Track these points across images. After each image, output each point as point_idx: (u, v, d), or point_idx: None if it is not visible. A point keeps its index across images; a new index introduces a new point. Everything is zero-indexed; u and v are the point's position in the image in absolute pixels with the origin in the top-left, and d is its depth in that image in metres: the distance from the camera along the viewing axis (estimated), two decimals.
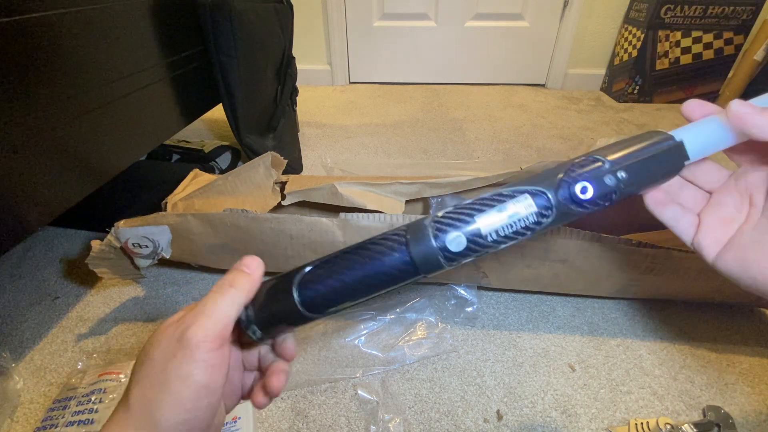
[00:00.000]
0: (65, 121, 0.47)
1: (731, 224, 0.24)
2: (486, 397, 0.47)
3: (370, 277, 0.22)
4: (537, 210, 0.21)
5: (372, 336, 0.53)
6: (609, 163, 0.22)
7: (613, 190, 0.22)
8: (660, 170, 0.22)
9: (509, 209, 0.21)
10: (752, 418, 0.45)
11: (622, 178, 0.21)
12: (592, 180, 0.21)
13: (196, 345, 0.19)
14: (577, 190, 0.21)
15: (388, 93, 1.57)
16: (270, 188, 0.60)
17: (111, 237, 0.52)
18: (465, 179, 0.54)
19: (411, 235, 0.22)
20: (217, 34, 0.70)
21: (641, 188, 0.22)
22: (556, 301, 0.59)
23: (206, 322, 0.20)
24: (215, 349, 0.20)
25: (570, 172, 0.22)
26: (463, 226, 0.21)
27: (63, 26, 0.46)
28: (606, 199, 0.22)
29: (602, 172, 0.22)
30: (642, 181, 0.22)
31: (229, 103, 0.78)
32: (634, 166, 0.22)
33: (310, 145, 1.12)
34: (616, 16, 1.47)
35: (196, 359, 0.19)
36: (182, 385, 0.19)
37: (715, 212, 0.24)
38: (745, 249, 0.22)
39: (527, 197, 0.22)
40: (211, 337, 0.20)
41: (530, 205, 0.21)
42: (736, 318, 0.57)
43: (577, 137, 1.17)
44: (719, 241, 0.24)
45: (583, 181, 0.21)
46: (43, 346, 0.53)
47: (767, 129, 0.20)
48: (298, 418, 0.45)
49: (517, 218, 0.21)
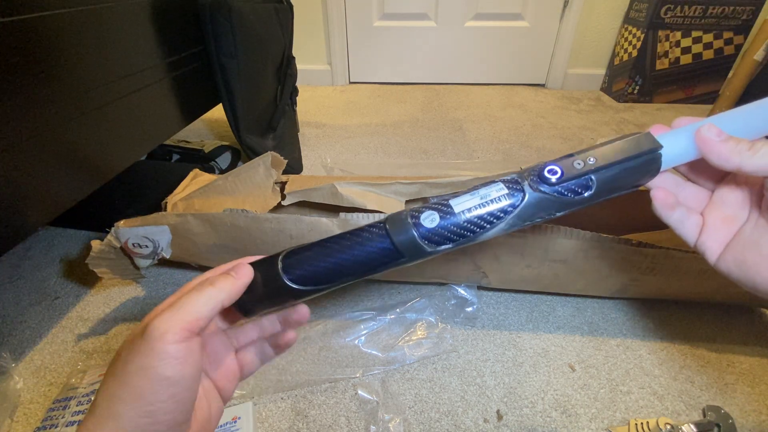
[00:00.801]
0: (65, 121, 0.47)
1: (734, 223, 0.24)
2: (486, 397, 0.47)
3: (355, 259, 0.23)
4: (509, 192, 0.22)
5: (372, 336, 0.53)
6: (578, 153, 0.23)
7: (584, 173, 0.22)
8: (631, 153, 0.22)
9: (481, 192, 0.22)
10: (752, 418, 0.45)
11: (592, 162, 0.22)
12: (560, 165, 0.22)
13: (157, 337, 0.19)
14: (545, 173, 0.22)
15: (388, 93, 1.57)
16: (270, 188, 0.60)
17: (111, 237, 0.52)
18: (465, 179, 0.54)
19: (390, 220, 0.23)
20: (217, 34, 0.70)
21: (616, 173, 0.22)
22: (556, 301, 0.59)
23: (172, 315, 0.20)
24: (178, 342, 0.20)
25: (540, 164, 0.23)
26: (437, 206, 0.23)
27: (63, 26, 0.46)
28: (582, 185, 0.22)
29: (571, 159, 0.22)
30: (615, 164, 0.22)
31: (229, 103, 0.78)
32: (603, 151, 0.22)
33: (310, 145, 1.12)
34: (616, 16, 1.47)
35: (156, 351, 0.19)
36: (142, 377, 0.19)
37: (717, 211, 0.24)
38: (744, 251, 0.22)
39: (499, 183, 0.23)
40: (175, 330, 0.20)
41: (501, 188, 0.22)
42: (736, 318, 0.57)
43: (577, 137, 1.17)
44: (721, 242, 0.24)
45: (551, 165, 0.22)
46: (43, 346, 0.53)
47: (724, 159, 0.21)
48: (298, 418, 0.45)
49: (489, 199, 0.22)
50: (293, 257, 0.24)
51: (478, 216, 0.22)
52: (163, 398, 0.19)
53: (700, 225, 0.24)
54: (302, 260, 0.23)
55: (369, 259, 0.23)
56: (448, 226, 0.22)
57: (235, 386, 0.27)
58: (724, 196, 0.24)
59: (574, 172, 0.22)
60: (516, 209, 0.22)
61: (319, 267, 0.23)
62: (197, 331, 0.21)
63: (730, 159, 0.20)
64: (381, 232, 0.23)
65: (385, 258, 0.23)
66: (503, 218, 0.22)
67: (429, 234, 0.22)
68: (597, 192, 0.22)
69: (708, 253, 0.24)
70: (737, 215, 0.24)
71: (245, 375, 0.27)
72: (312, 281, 0.23)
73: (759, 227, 0.22)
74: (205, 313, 0.21)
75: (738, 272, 0.23)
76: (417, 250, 0.22)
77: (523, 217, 0.22)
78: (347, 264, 0.23)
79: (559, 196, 0.22)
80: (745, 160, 0.20)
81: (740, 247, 0.23)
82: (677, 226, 0.24)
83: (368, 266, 0.23)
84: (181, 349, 0.20)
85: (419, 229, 0.22)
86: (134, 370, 0.19)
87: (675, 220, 0.24)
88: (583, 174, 0.22)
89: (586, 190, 0.22)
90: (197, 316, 0.21)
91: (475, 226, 0.22)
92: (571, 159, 0.22)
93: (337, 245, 0.23)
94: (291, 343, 0.28)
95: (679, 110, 1.40)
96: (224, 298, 0.22)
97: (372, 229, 0.23)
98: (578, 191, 0.22)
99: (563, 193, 0.22)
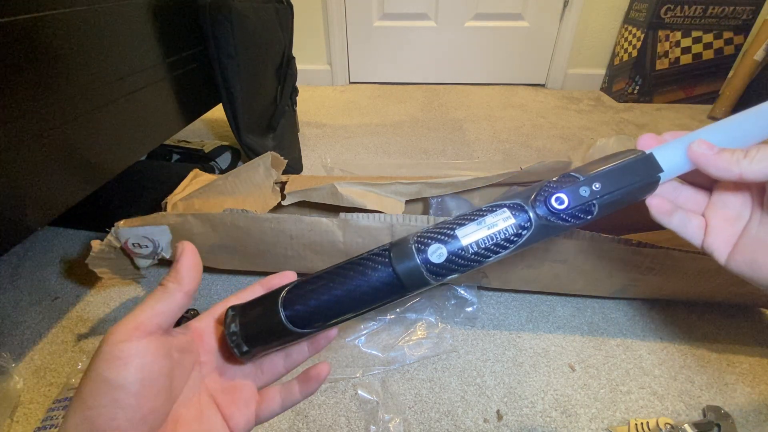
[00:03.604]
0: (65, 121, 0.47)
1: (738, 222, 0.23)
2: (486, 397, 0.47)
3: (357, 291, 0.22)
4: (515, 222, 0.22)
5: (372, 336, 0.53)
6: (583, 177, 0.23)
7: (589, 201, 0.22)
8: (634, 179, 0.23)
9: (487, 221, 0.22)
10: (752, 418, 0.45)
11: (597, 188, 0.22)
12: (566, 192, 0.22)
13: (105, 338, 0.19)
14: (552, 202, 0.22)
15: (388, 93, 1.57)
16: (270, 188, 0.60)
17: (111, 237, 0.52)
18: (465, 179, 0.54)
19: (395, 250, 0.22)
20: (217, 34, 0.70)
21: (618, 198, 0.23)
22: (556, 301, 0.59)
23: (125, 317, 0.20)
24: (123, 341, 0.19)
25: (546, 187, 0.23)
26: (443, 238, 0.22)
27: (63, 26, 0.46)
28: (585, 210, 0.22)
29: (577, 185, 0.22)
30: (617, 190, 0.22)
31: (229, 103, 0.78)
32: (607, 176, 0.22)
33: (310, 145, 1.12)
34: (616, 16, 1.47)
35: (100, 351, 0.19)
36: (84, 379, 0.18)
37: (719, 211, 0.24)
38: (755, 251, 0.22)
39: (505, 210, 0.22)
40: (121, 330, 0.19)
41: (508, 217, 0.22)
42: (736, 318, 0.57)
43: (577, 137, 1.17)
44: (728, 242, 0.23)
45: (557, 192, 0.22)
46: (43, 346, 0.53)
47: (723, 170, 0.21)
48: (298, 418, 0.45)
49: (496, 230, 0.22)
50: (294, 292, 0.23)
51: (485, 248, 0.22)
52: (104, 403, 0.18)
53: (704, 226, 0.24)
54: (302, 295, 0.23)
55: (371, 293, 0.22)
56: (455, 260, 0.22)
57: (247, 419, 0.24)
58: (724, 197, 0.24)
59: (580, 201, 0.22)
60: (522, 239, 0.22)
61: (320, 301, 0.22)
62: (151, 329, 0.20)
63: (730, 169, 0.20)
64: (385, 264, 0.22)
65: (389, 292, 0.22)
66: (509, 248, 0.22)
67: (436, 269, 0.22)
68: (596, 215, 0.23)
69: (716, 253, 0.24)
70: (740, 214, 0.23)
71: (264, 412, 0.25)
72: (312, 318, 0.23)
73: (764, 226, 0.22)
74: (160, 309, 0.20)
75: (750, 272, 0.22)
76: (422, 282, 0.22)
77: (527, 244, 0.23)
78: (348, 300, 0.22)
79: (563, 222, 0.22)
80: (744, 168, 0.20)
81: (749, 247, 0.22)
82: (680, 230, 0.24)
83: (369, 301, 0.22)
84: (125, 348, 0.19)
85: (426, 264, 0.22)
86: (84, 375, 0.19)
87: (676, 224, 0.24)
88: (588, 201, 0.22)
89: (588, 215, 0.22)
90: (148, 314, 0.20)
91: (482, 257, 0.22)
92: (577, 185, 0.22)
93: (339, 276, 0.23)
94: (322, 377, 0.26)
95: (679, 110, 1.40)
96: (176, 288, 0.21)
97: (376, 259, 0.23)
98: (580, 217, 0.22)
99: (567, 219, 0.22)
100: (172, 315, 0.21)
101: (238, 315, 0.23)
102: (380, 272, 0.22)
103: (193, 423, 0.22)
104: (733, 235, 0.23)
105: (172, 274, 0.21)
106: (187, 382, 0.23)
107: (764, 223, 0.22)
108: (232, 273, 0.64)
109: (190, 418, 0.22)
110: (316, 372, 0.26)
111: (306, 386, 0.26)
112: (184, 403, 0.22)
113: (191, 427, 0.21)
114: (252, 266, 0.56)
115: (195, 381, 0.23)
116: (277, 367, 0.26)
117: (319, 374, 0.26)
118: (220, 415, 0.23)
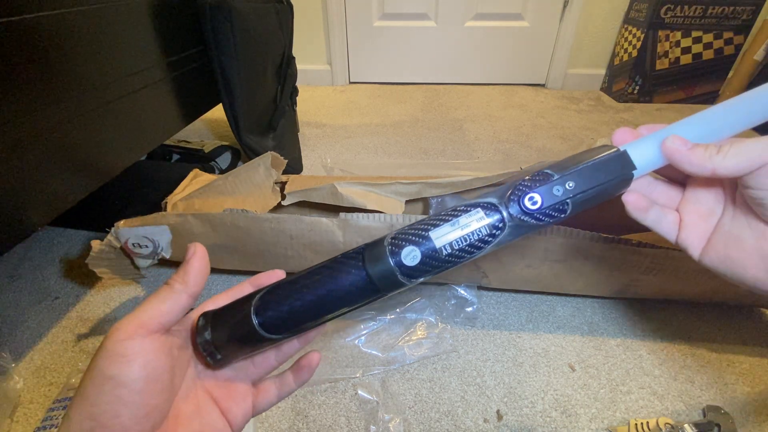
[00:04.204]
0: (65, 120, 0.47)
1: (711, 218, 0.23)
2: (486, 397, 0.47)
3: (330, 296, 0.22)
4: (489, 222, 0.22)
5: (372, 336, 0.53)
6: (557, 175, 0.22)
7: (562, 200, 0.22)
8: (607, 176, 0.22)
9: (461, 222, 0.22)
10: (752, 418, 0.45)
11: (571, 187, 0.22)
12: (540, 191, 0.22)
13: (108, 336, 0.19)
14: (526, 202, 0.22)
15: (388, 93, 1.57)
16: (270, 188, 0.60)
17: (111, 237, 0.52)
18: (465, 179, 0.54)
19: (368, 253, 0.22)
20: (217, 34, 0.70)
21: (592, 196, 0.23)
22: (556, 301, 0.59)
23: (129, 315, 0.20)
24: (127, 339, 0.19)
25: (519, 186, 0.23)
26: (417, 240, 0.22)
27: (63, 26, 0.46)
28: (559, 209, 0.22)
29: (551, 184, 0.22)
30: (591, 188, 0.22)
31: (229, 103, 0.78)
32: (580, 174, 0.22)
33: (310, 145, 1.12)
34: (616, 16, 1.47)
35: (103, 348, 0.19)
36: (87, 377, 0.19)
37: (692, 207, 0.24)
38: (727, 247, 0.22)
39: (479, 211, 0.22)
40: (125, 327, 0.19)
41: (482, 218, 0.22)
42: (736, 318, 0.57)
43: (577, 137, 1.17)
44: (702, 237, 0.23)
45: (531, 192, 0.22)
46: (43, 346, 0.53)
47: (696, 166, 0.21)
48: (298, 418, 0.45)
49: (470, 231, 0.22)
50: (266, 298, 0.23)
51: (459, 249, 0.22)
52: (108, 399, 0.18)
53: (678, 221, 0.24)
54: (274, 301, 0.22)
55: (344, 296, 0.22)
56: (428, 261, 0.22)
57: (245, 411, 0.25)
58: (697, 192, 0.24)
59: (553, 200, 0.22)
60: (496, 239, 0.22)
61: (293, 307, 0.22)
62: (154, 328, 0.20)
63: (703, 165, 0.20)
64: (358, 267, 0.22)
65: (363, 294, 0.22)
66: (483, 248, 0.22)
67: (409, 271, 0.22)
68: (570, 213, 0.23)
69: (690, 249, 0.24)
70: (713, 209, 0.23)
71: (261, 403, 0.26)
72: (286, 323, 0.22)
73: (737, 221, 0.22)
74: (164, 309, 0.20)
75: (723, 267, 0.22)
76: (395, 285, 0.22)
77: (501, 244, 0.23)
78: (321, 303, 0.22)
79: (536, 221, 0.22)
80: (717, 164, 0.20)
81: (722, 243, 0.23)
82: (655, 226, 0.24)
83: (343, 304, 0.22)
84: (129, 346, 0.19)
85: (399, 266, 0.22)
86: (86, 372, 0.19)
87: (651, 220, 0.24)
88: (561, 199, 0.22)
89: (562, 214, 0.22)
90: (152, 313, 0.20)
91: (455, 258, 0.22)
92: (550, 184, 0.22)
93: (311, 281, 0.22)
94: (314, 365, 0.27)
95: (680, 110, 1.40)
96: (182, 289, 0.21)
97: (349, 263, 0.22)
98: (554, 215, 0.22)
99: (540, 218, 0.22)
100: (175, 315, 0.21)
101: (209, 323, 0.23)
102: (353, 276, 0.22)
103: (193, 417, 0.22)
104: (707, 231, 0.23)
105: (180, 274, 0.22)
106: (185, 378, 0.23)
107: (737, 218, 0.22)
108: (232, 273, 0.64)
109: (190, 413, 0.22)
110: (308, 361, 0.27)
111: (299, 375, 0.27)
112: (183, 398, 0.22)
113: (191, 422, 0.22)
114: (252, 266, 0.56)
115: (192, 377, 0.24)
116: (269, 360, 0.27)
117: (310, 363, 0.27)
118: (218, 409, 0.24)
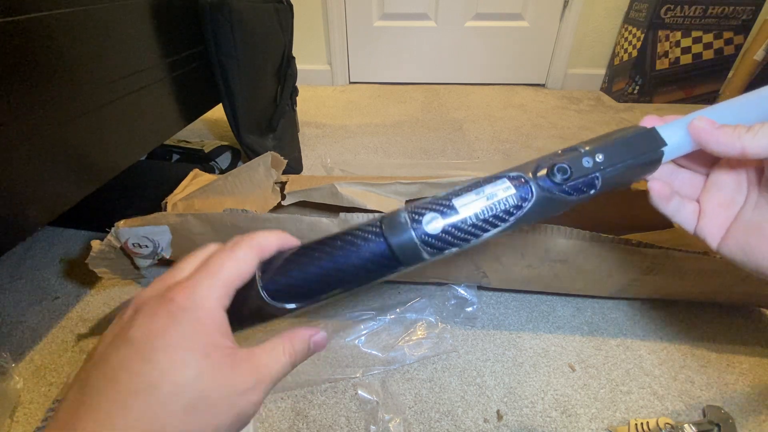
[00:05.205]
0: (65, 120, 0.47)
1: (732, 207, 0.23)
2: (486, 397, 0.47)
3: (345, 265, 0.20)
4: (515, 192, 0.21)
5: (372, 336, 0.53)
6: (586, 149, 0.22)
7: (592, 173, 0.21)
8: (637, 152, 0.22)
9: (486, 191, 0.21)
10: (752, 418, 0.45)
11: (600, 160, 0.21)
12: (569, 162, 0.21)
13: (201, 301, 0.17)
14: (555, 171, 0.21)
15: (388, 93, 1.57)
16: (270, 188, 0.60)
17: (111, 237, 0.52)
18: (465, 179, 0.54)
19: (386, 223, 0.20)
20: (217, 34, 0.70)
21: (622, 171, 0.22)
22: (556, 301, 0.59)
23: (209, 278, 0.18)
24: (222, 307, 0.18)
25: (548, 158, 0.22)
26: (440, 209, 0.20)
27: (63, 26, 0.46)
28: (588, 184, 0.21)
29: (580, 155, 0.22)
30: (620, 163, 0.22)
31: (229, 103, 0.78)
32: (611, 149, 0.22)
33: (310, 145, 1.12)
34: (616, 16, 1.47)
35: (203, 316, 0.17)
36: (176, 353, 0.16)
37: (714, 196, 0.24)
38: (747, 235, 0.22)
39: (505, 180, 0.21)
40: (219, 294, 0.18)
41: (509, 187, 0.21)
42: (736, 318, 0.57)
43: (577, 137, 1.17)
44: (721, 227, 0.23)
45: (560, 163, 0.21)
46: (43, 346, 0.53)
47: (725, 145, 0.20)
48: (298, 418, 0.45)
49: (496, 200, 0.21)
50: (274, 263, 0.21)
51: (484, 219, 0.20)
52: None
53: (697, 212, 0.24)
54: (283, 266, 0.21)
55: (361, 265, 0.20)
56: (452, 230, 0.20)
57: None
58: (719, 181, 0.24)
59: (582, 172, 0.21)
60: (522, 211, 0.21)
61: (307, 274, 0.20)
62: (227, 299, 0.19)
63: (733, 144, 0.20)
64: (377, 234, 0.20)
65: (381, 265, 0.21)
66: (508, 220, 0.21)
67: (431, 240, 0.20)
68: (600, 190, 0.22)
69: (709, 238, 0.24)
70: (734, 198, 0.23)
71: None
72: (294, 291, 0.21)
73: (760, 209, 0.22)
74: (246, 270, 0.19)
75: (742, 256, 0.22)
76: (417, 257, 0.20)
77: (528, 218, 0.21)
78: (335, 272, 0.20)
79: (566, 195, 0.21)
80: (747, 143, 0.19)
81: (742, 230, 0.22)
82: (675, 215, 0.24)
83: (360, 275, 0.21)
84: None
85: (420, 234, 0.20)
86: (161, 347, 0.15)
87: (672, 210, 0.24)
88: (591, 173, 0.21)
89: (591, 189, 0.21)
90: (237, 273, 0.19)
91: (479, 230, 0.21)
92: (579, 155, 0.21)
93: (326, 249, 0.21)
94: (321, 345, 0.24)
95: (680, 110, 1.39)
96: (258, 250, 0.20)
97: (366, 233, 0.21)
98: (584, 190, 0.21)
99: (570, 192, 0.21)
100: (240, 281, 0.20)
101: None
102: (372, 244, 0.20)
103: None
104: (727, 220, 0.23)
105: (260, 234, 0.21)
106: None
107: (759, 206, 0.22)
108: None
109: None
110: None
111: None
112: None
113: None
114: None
115: None
116: None
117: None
118: None
